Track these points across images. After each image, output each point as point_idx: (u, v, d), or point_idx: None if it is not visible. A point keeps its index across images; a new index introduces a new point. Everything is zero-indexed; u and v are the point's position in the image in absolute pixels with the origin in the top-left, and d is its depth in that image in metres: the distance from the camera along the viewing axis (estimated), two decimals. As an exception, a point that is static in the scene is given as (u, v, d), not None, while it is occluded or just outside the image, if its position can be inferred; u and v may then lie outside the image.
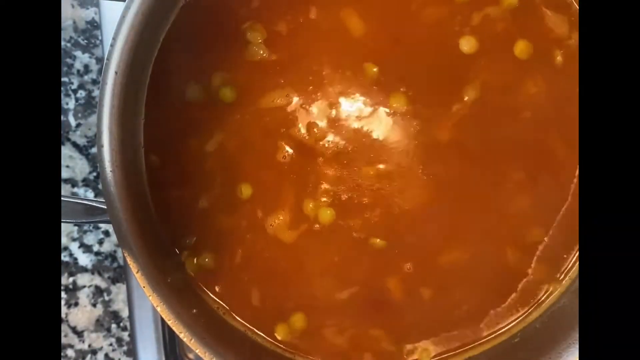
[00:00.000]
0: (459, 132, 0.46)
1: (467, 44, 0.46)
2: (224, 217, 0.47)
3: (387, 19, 0.46)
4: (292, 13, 0.46)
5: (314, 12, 0.46)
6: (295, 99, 0.46)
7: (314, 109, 0.47)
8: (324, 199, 0.46)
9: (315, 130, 0.46)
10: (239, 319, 0.47)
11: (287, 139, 0.47)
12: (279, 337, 0.47)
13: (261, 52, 0.46)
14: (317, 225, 0.46)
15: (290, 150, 0.46)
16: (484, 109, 0.46)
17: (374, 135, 0.47)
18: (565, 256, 0.48)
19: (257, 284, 0.47)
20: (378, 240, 0.46)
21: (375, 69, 0.46)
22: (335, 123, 0.47)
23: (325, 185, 0.47)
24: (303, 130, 0.46)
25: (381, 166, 0.47)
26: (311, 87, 0.46)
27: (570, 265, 0.48)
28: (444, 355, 0.48)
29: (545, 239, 0.47)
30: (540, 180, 0.47)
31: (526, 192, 0.47)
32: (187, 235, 0.47)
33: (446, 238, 0.47)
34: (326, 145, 0.46)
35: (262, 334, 0.47)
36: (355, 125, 0.47)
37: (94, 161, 0.56)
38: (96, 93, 0.56)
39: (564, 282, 0.48)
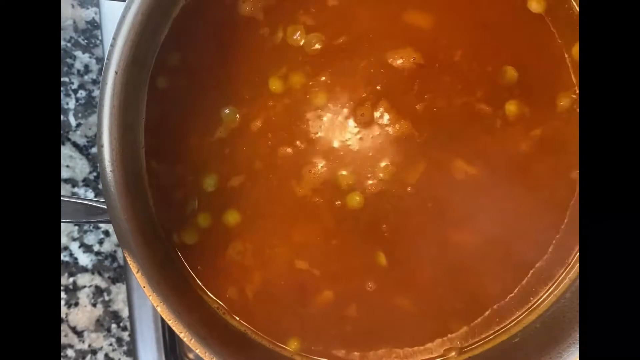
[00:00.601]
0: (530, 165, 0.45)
1: (536, 3, 0.45)
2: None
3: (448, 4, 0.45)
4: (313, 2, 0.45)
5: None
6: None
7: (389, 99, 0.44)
8: (369, 182, 0.44)
9: (385, 110, 0.44)
10: (237, 318, 0.47)
11: (373, 104, 0.45)
12: (185, 241, 0.46)
13: (314, 41, 0.45)
14: (338, 202, 0.45)
15: (369, 115, 0.45)
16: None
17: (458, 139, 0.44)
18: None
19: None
20: (384, 257, 0.45)
21: (515, 73, 0.44)
22: (415, 114, 0.45)
23: (378, 173, 0.44)
24: (378, 113, 0.45)
25: (455, 178, 0.45)
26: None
27: (569, 266, 0.47)
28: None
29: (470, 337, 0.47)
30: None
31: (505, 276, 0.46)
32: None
33: (425, 283, 0.45)
34: (398, 129, 0.45)
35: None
36: (433, 124, 0.44)
37: (94, 161, 0.56)
38: (96, 93, 0.56)
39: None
